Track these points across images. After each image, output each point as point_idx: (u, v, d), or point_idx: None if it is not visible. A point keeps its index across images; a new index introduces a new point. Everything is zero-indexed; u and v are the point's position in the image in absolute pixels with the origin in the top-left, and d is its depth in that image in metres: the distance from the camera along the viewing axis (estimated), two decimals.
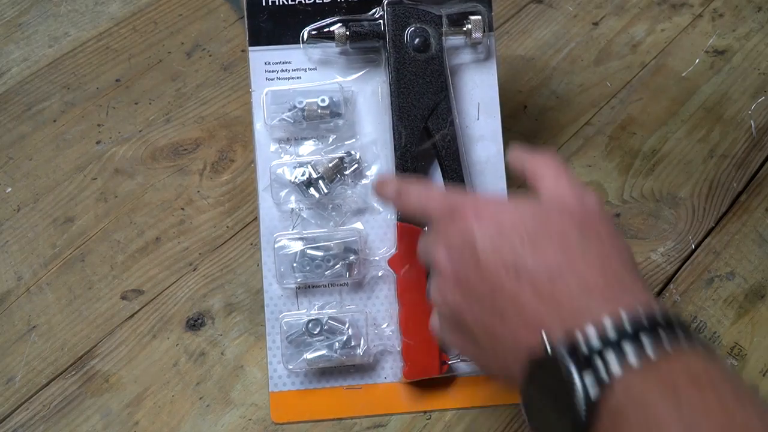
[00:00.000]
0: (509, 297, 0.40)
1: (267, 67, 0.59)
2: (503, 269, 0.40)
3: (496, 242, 0.41)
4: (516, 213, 0.42)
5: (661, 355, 0.35)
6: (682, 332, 0.36)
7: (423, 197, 0.48)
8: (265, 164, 0.59)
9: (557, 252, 0.40)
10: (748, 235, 0.68)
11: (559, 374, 0.36)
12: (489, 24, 0.60)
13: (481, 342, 0.42)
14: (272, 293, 0.58)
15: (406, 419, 0.59)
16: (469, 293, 0.42)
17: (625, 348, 0.35)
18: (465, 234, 0.43)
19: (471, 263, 0.42)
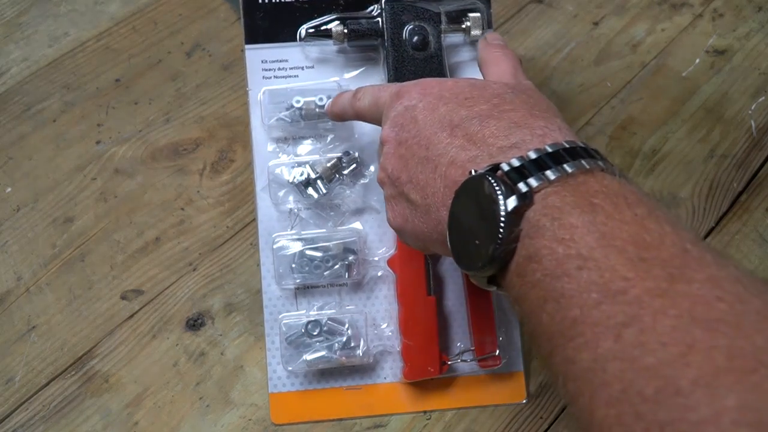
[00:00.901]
0: (443, 147, 0.42)
1: (264, 65, 0.59)
2: (438, 125, 0.43)
3: (434, 105, 0.44)
4: (455, 83, 0.45)
5: (578, 170, 0.36)
6: (601, 159, 0.37)
7: (375, 91, 0.50)
8: (263, 164, 0.59)
9: (489, 105, 0.42)
10: (749, 235, 0.68)
11: (482, 191, 0.37)
12: (488, 21, 0.60)
13: (416, 200, 0.44)
14: (271, 294, 0.58)
15: (406, 419, 0.59)
16: (407, 154, 0.44)
17: (543, 164, 0.36)
18: (408, 106, 0.45)
19: (410, 127, 0.44)
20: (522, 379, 0.60)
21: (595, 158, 0.37)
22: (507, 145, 0.39)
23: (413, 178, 0.44)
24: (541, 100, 0.44)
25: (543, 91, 0.77)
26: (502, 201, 0.36)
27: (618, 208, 0.34)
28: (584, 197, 0.35)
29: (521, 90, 0.44)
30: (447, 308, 0.59)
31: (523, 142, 0.39)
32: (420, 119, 0.44)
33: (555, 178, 0.36)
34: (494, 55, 0.51)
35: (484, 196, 0.37)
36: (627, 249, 0.33)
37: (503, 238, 0.36)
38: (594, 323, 0.32)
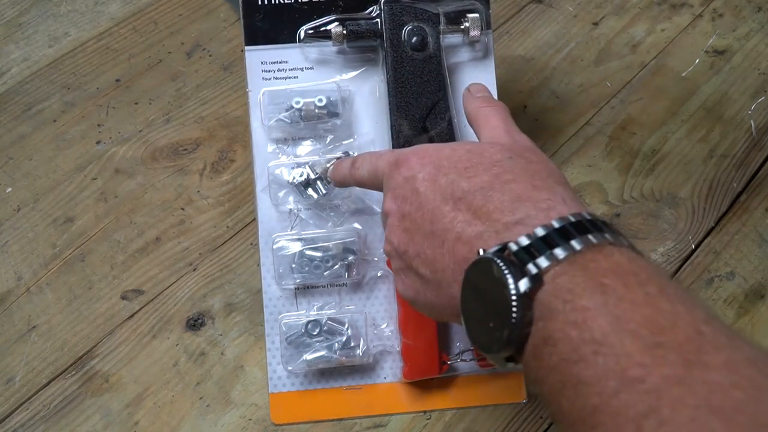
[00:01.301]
0: (448, 222, 0.42)
1: (264, 66, 0.59)
2: (441, 198, 0.43)
3: (434, 176, 0.44)
4: (453, 151, 0.45)
5: (586, 247, 0.36)
6: (609, 231, 0.37)
7: (373, 159, 0.50)
8: (262, 165, 0.59)
9: (490, 175, 0.42)
10: (748, 235, 0.68)
11: (491, 274, 0.36)
12: (487, 22, 0.59)
13: (426, 275, 0.43)
14: (271, 294, 0.58)
15: (406, 419, 0.59)
16: (412, 228, 0.44)
17: (551, 242, 0.36)
18: (407, 176, 0.45)
19: (413, 199, 0.44)
20: (521, 378, 0.60)
21: (602, 231, 0.37)
22: (512, 221, 0.39)
23: (421, 252, 0.43)
24: (540, 164, 0.43)
25: (543, 92, 0.77)
26: (513, 284, 0.35)
27: (629, 288, 0.34)
28: (594, 277, 0.35)
29: (519, 153, 0.44)
30: None
31: (528, 218, 0.39)
32: (421, 191, 0.44)
33: (564, 257, 0.35)
34: (483, 111, 0.51)
35: (493, 279, 0.36)
36: (641, 333, 0.32)
37: (517, 322, 0.35)
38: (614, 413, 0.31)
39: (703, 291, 0.65)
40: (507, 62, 0.80)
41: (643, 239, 0.68)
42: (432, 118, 0.57)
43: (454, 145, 0.46)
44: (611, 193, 0.71)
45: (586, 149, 0.74)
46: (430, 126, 0.57)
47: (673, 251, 0.67)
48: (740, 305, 0.64)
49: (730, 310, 0.64)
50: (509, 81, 0.78)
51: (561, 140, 0.74)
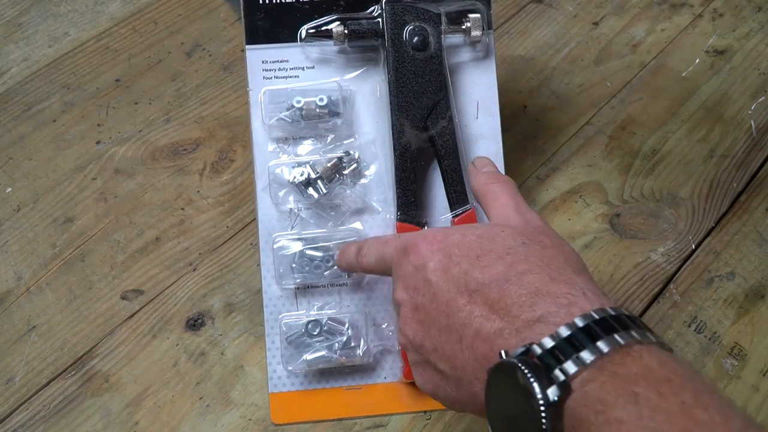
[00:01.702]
0: (465, 316, 0.40)
1: (264, 65, 0.59)
2: (455, 289, 0.41)
3: (445, 265, 0.42)
4: (463, 237, 0.43)
5: (614, 349, 0.35)
6: (634, 328, 0.36)
7: (380, 245, 0.49)
8: (263, 164, 0.59)
9: (504, 264, 0.41)
10: (748, 235, 0.68)
11: (516, 381, 0.35)
12: (488, 22, 0.59)
13: (445, 371, 0.42)
14: (271, 294, 0.58)
15: (406, 419, 0.59)
16: (427, 320, 0.43)
17: (576, 344, 0.35)
18: (417, 265, 0.44)
19: (425, 290, 0.43)
20: None
21: (628, 327, 0.36)
22: (532, 318, 0.38)
23: (438, 347, 0.42)
24: (555, 249, 0.42)
25: (543, 92, 0.77)
26: (540, 393, 0.34)
27: (663, 398, 0.33)
28: (625, 385, 0.33)
29: (532, 238, 0.42)
30: None
31: (549, 315, 0.37)
32: (433, 282, 0.42)
33: (591, 361, 0.34)
34: (491, 188, 0.50)
35: (519, 387, 0.35)
36: None
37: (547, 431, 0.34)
38: None
39: (703, 291, 0.65)
40: (507, 62, 0.80)
41: (643, 239, 0.68)
42: (433, 117, 0.57)
43: (464, 229, 0.44)
44: (611, 193, 0.71)
45: (587, 149, 0.74)
46: (431, 126, 0.57)
47: (673, 251, 0.67)
48: (740, 305, 0.64)
49: (730, 310, 0.64)
50: (509, 81, 0.78)
51: (561, 140, 0.74)
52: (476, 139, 0.60)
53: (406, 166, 0.57)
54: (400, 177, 0.57)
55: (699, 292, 0.65)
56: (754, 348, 0.62)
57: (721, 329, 0.63)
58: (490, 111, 0.60)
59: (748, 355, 0.61)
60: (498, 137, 0.60)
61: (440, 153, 0.57)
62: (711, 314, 0.64)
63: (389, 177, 0.58)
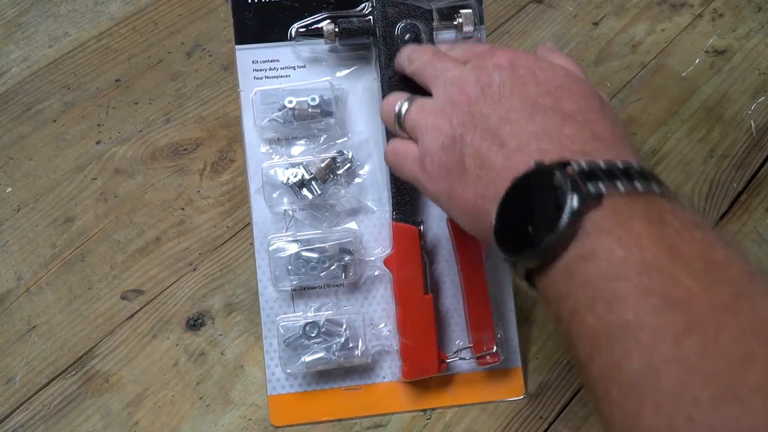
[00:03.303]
0: (517, 128, 0.41)
1: (255, 65, 0.59)
2: (520, 103, 0.42)
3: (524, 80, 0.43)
4: (550, 67, 0.45)
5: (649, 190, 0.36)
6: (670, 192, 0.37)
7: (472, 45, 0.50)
8: (256, 166, 0.58)
9: (576, 106, 0.42)
10: (748, 235, 0.68)
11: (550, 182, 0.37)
12: (479, 17, 0.59)
13: (469, 167, 0.43)
14: (268, 296, 0.58)
15: (406, 419, 0.59)
16: (479, 117, 0.43)
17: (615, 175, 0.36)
18: (499, 65, 0.45)
19: (494, 91, 0.43)
20: (520, 375, 0.60)
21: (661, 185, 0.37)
22: (581, 149, 0.39)
23: (476, 143, 0.43)
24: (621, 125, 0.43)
25: None
26: (570, 194, 0.35)
27: (687, 227, 0.34)
28: (655, 211, 0.35)
29: (605, 104, 0.44)
30: (444, 306, 0.59)
31: (596, 152, 0.39)
32: (507, 87, 0.43)
33: (624, 191, 0.36)
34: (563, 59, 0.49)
35: (550, 186, 0.36)
36: (694, 263, 0.33)
37: (562, 231, 0.35)
38: (652, 328, 0.32)
39: None
40: None
41: None
42: None
43: (551, 62, 0.46)
44: None
45: None
46: None
47: None
48: None
49: None
50: None
51: None
52: None
53: None
54: (394, 176, 0.56)
55: None
56: None
57: None
58: None
59: None
60: None
61: None
62: None
63: (383, 176, 0.58)
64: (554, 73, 0.44)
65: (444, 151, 0.45)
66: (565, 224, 0.35)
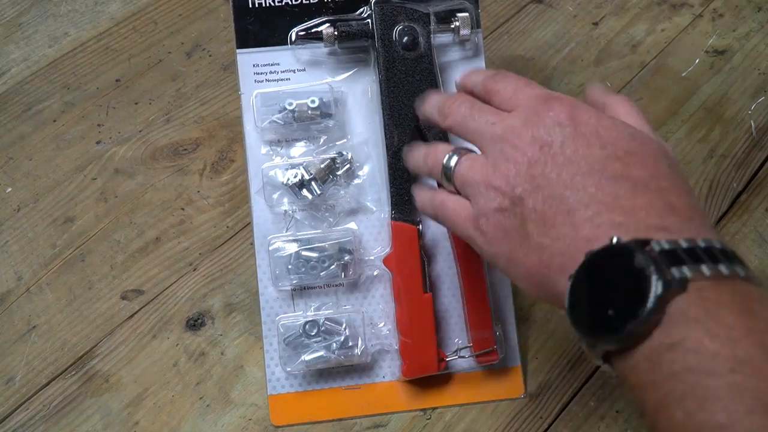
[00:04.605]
0: (586, 197, 0.39)
1: (255, 69, 0.59)
2: (588, 169, 0.40)
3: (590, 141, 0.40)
4: (614, 124, 0.42)
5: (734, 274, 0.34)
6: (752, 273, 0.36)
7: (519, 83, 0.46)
8: (256, 167, 0.59)
9: (647, 172, 0.40)
10: (748, 235, 0.68)
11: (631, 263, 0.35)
12: (476, 21, 0.60)
13: (533, 234, 0.40)
14: (268, 296, 0.58)
15: (406, 419, 0.59)
16: (542, 180, 0.41)
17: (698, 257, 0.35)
18: (559, 122, 0.41)
19: (557, 152, 0.41)
20: (519, 374, 0.60)
21: (744, 267, 0.36)
22: (658, 225, 0.37)
23: (538, 208, 0.40)
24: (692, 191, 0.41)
25: None
26: (656, 281, 0.34)
27: None
28: (743, 300, 0.34)
29: (674, 164, 0.41)
30: (443, 305, 0.59)
31: (676, 228, 0.37)
32: (569, 150, 0.40)
33: (710, 275, 0.34)
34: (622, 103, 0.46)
35: (631, 268, 0.35)
36: None
37: (645, 317, 0.34)
38: None
39: None
40: (507, 62, 0.80)
41: None
42: None
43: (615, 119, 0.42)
44: None
45: None
46: (423, 125, 0.57)
47: None
48: None
49: None
50: None
51: None
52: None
53: (399, 165, 0.57)
54: (393, 176, 0.57)
55: None
56: None
57: None
58: None
59: None
60: None
61: None
62: None
63: (383, 176, 0.59)
64: (619, 132, 0.41)
65: (502, 214, 0.42)
66: (650, 311, 0.34)
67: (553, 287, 0.40)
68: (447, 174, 0.47)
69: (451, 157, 0.47)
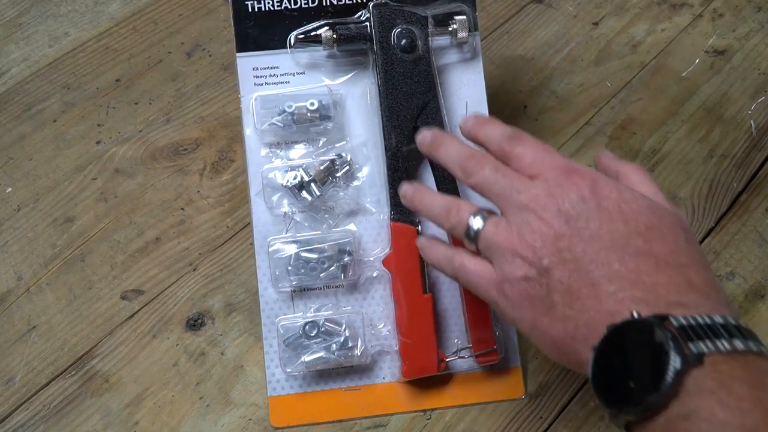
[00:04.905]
0: (610, 272, 0.41)
1: (255, 72, 0.60)
2: (611, 242, 0.41)
3: (613, 216, 0.42)
4: (634, 199, 0.43)
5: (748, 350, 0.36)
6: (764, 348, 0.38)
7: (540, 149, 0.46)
8: (256, 169, 0.59)
9: (667, 248, 0.41)
10: (748, 235, 0.68)
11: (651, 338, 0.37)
12: (474, 23, 0.60)
13: (557, 304, 0.42)
14: (267, 297, 0.58)
15: (406, 419, 0.59)
16: (567, 253, 0.42)
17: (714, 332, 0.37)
18: (583, 197, 0.43)
19: (582, 227, 0.42)
20: (520, 374, 0.60)
21: (758, 342, 0.38)
22: (676, 302, 0.39)
23: (564, 281, 0.42)
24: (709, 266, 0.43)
25: (543, 92, 0.77)
26: (674, 356, 0.36)
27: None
28: (755, 373, 0.36)
29: (690, 236, 0.43)
30: (443, 306, 0.59)
31: (693, 304, 0.39)
32: (594, 224, 0.42)
33: (726, 351, 0.36)
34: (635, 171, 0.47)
35: (650, 342, 0.37)
36: None
37: (665, 391, 0.36)
38: None
39: None
40: (507, 62, 0.80)
41: None
42: (423, 118, 0.57)
43: (634, 192, 0.44)
44: None
45: (587, 149, 0.74)
46: (422, 126, 0.57)
47: None
48: (740, 305, 0.64)
49: None
50: (509, 81, 0.78)
51: (561, 140, 0.74)
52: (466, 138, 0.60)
53: (398, 166, 0.57)
54: (392, 177, 0.57)
55: None
56: None
57: None
58: (479, 111, 0.60)
59: None
60: None
61: None
62: None
63: (382, 178, 0.59)
64: (639, 206, 0.42)
65: (528, 282, 0.43)
66: (668, 385, 0.35)
67: (576, 356, 0.41)
68: (470, 235, 0.47)
69: (476, 218, 0.47)
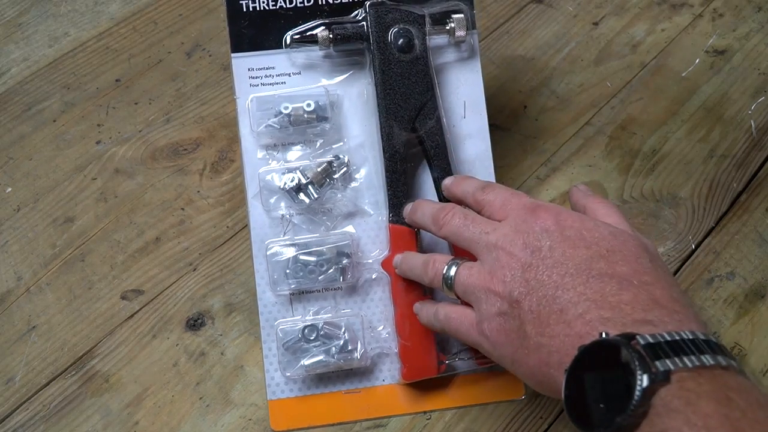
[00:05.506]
0: (575, 296, 0.42)
1: (251, 73, 0.59)
2: (575, 269, 0.43)
3: (575, 243, 0.44)
4: (596, 227, 0.45)
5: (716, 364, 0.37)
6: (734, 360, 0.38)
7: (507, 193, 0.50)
8: (253, 172, 0.59)
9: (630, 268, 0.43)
10: (748, 235, 0.68)
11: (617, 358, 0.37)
12: (471, 22, 0.60)
13: (531, 334, 0.43)
14: (266, 301, 0.58)
15: (406, 419, 0.59)
16: (535, 283, 0.44)
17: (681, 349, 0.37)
18: (546, 229, 0.45)
19: (546, 256, 0.44)
20: None
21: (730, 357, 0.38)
22: (642, 319, 0.40)
23: (534, 309, 0.43)
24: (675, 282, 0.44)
25: (543, 92, 0.77)
26: (640, 374, 0.36)
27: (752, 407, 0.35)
28: (721, 390, 0.36)
29: (655, 258, 0.45)
30: None
31: (659, 321, 0.39)
32: (558, 252, 0.44)
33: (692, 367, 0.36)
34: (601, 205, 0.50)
35: (618, 364, 0.37)
36: None
37: (634, 411, 0.36)
38: None
39: (703, 291, 0.65)
40: (507, 62, 0.80)
41: None
42: (421, 118, 0.57)
43: (596, 220, 0.46)
44: (611, 193, 0.71)
45: (586, 149, 0.74)
46: (420, 126, 0.57)
47: (673, 251, 0.67)
48: (740, 305, 0.64)
49: (730, 310, 0.64)
50: (509, 81, 0.78)
51: (561, 140, 0.74)
52: (465, 138, 0.60)
53: (396, 167, 0.57)
54: (390, 179, 0.57)
55: (699, 292, 0.65)
56: (754, 348, 0.62)
57: (721, 329, 0.63)
58: (477, 110, 0.60)
59: (748, 355, 0.61)
60: (486, 136, 0.60)
61: (429, 153, 0.57)
62: (711, 314, 0.64)
63: (380, 179, 0.58)
64: (600, 233, 0.44)
65: (503, 317, 0.45)
66: (635, 405, 0.36)
67: (554, 383, 0.42)
68: (448, 283, 0.50)
69: (450, 267, 0.50)
